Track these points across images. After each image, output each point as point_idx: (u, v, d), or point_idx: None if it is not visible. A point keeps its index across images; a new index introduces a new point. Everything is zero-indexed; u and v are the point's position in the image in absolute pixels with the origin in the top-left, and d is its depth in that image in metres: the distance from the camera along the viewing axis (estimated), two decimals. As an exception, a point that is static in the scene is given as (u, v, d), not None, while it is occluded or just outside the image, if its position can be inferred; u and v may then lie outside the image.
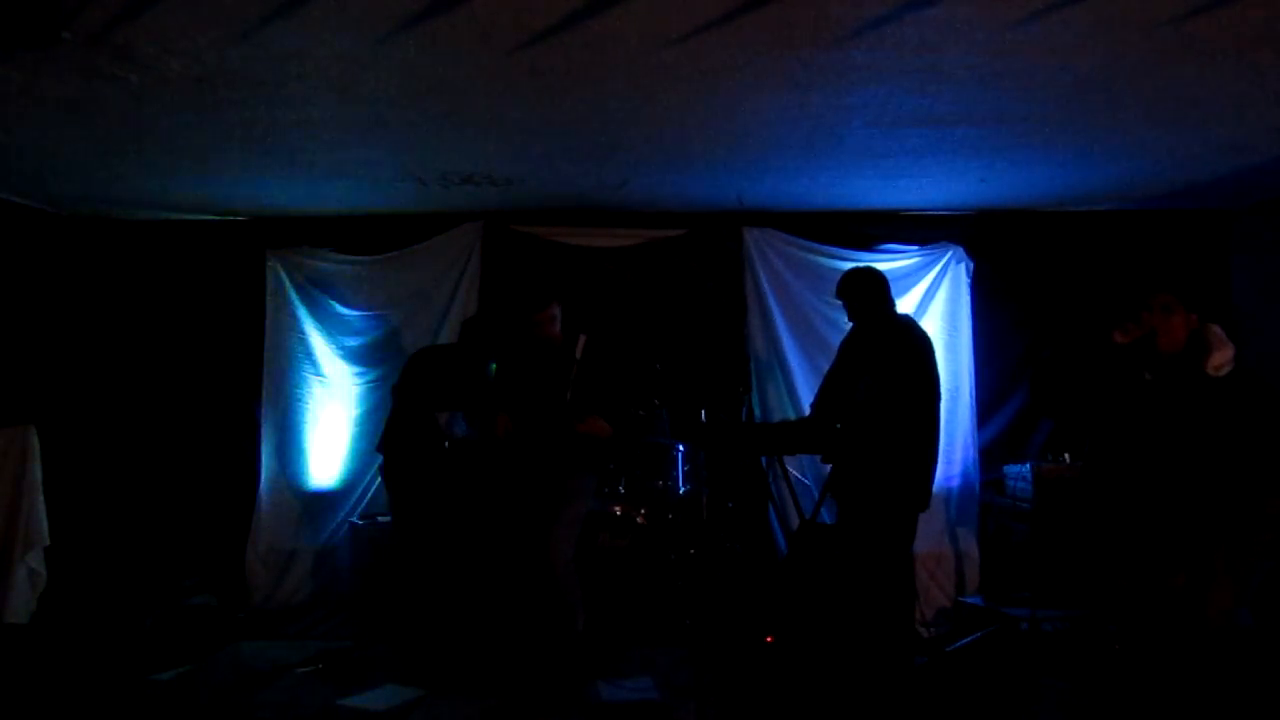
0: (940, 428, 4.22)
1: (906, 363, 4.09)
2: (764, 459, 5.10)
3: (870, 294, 4.26)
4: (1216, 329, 2.99)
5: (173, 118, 3.70)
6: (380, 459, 4.65)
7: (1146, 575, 2.88)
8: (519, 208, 5.37)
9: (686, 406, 5.10)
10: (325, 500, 5.44)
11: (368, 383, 5.48)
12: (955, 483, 5.34)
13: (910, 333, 4.23)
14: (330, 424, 5.46)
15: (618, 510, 4.86)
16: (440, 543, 4.58)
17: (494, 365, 4.82)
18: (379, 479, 4.96)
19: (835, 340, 4.95)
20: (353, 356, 5.52)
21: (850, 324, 4.46)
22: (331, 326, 5.53)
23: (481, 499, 4.62)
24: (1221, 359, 2.91)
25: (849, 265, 4.93)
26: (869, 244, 5.50)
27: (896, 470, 4.02)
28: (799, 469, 5.23)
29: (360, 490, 5.41)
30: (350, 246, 5.57)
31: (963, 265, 5.43)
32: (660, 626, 4.73)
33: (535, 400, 4.20)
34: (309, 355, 5.51)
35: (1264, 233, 5.27)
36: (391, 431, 4.55)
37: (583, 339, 4.19)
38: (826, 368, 4.78)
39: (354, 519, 5.26)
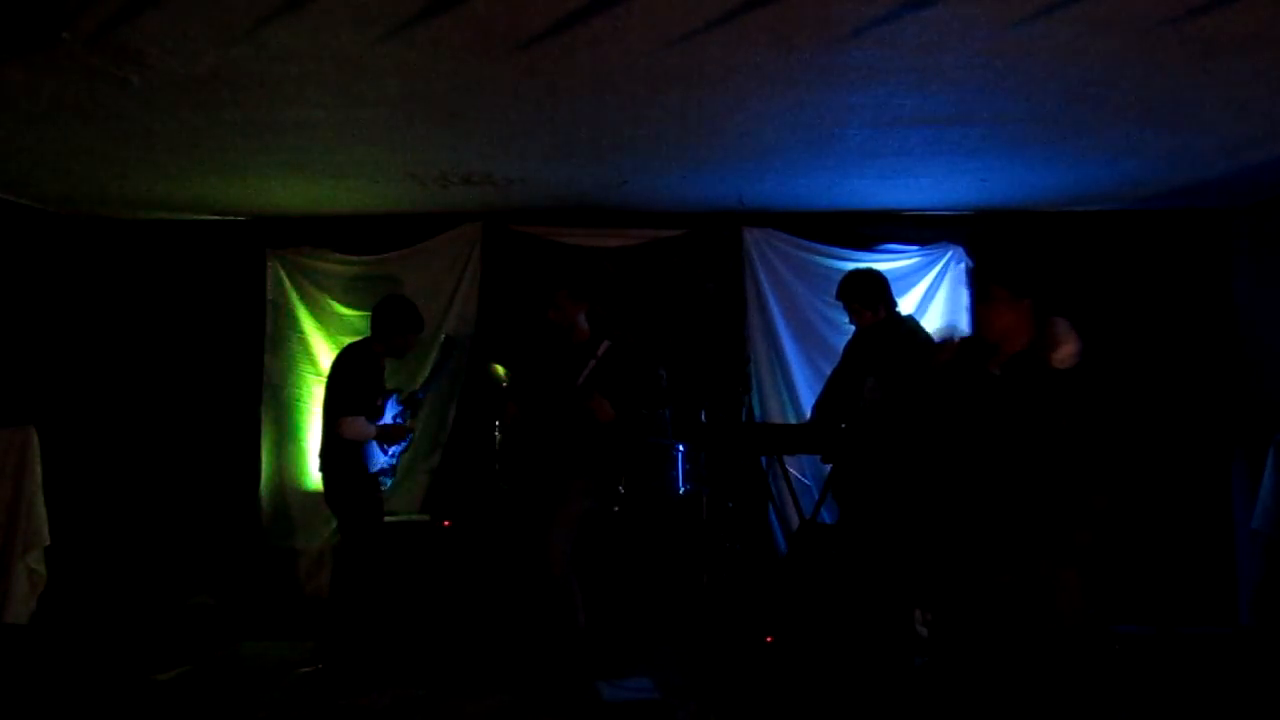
0: None
1: (911, 363, 4.10)
2: (764, 459, 5.10)
3: (872, 295, 4.27)
4: (1062, 322, 2.91)
5: (173, 118, 3.70)
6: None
7: (974, 573, 2.81)
8: (519, 208, 5.37)
9: (687, 407, 5.10)
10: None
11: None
12: (955, 483, 5.34)
13: (914, 333, 4.24)
14: (330, 424, 5.46)
15: (618, 510, 4.86)
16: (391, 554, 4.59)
17: (501, 368, 4.85)
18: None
19: (835, 341, 4.96)
20: (352, 357, 5.52)
21: (852, 326, 4.47)
22: (331, 326, 5.52)
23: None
24: (1067, 351, 2.75)
25: (849, 265, 4.94)
26: (869, 244, 5.50)
27: (900, 471, 4.03)
28: (799, 469, 5.22)
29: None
30: (350, 246, 5.57)
31: (963, 265, 5.43)
32: (660, 626, 4.73)
33: (545, 386, 4.21)
34: (309, 355, 5.51)
35: (1264, 232, 5.27)
36: (330, 449, 4.34)
37: (606, 344, 4.20)
38: (827, 368, 4.78)
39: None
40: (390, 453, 4.56)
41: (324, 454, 4.37)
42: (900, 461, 3.76)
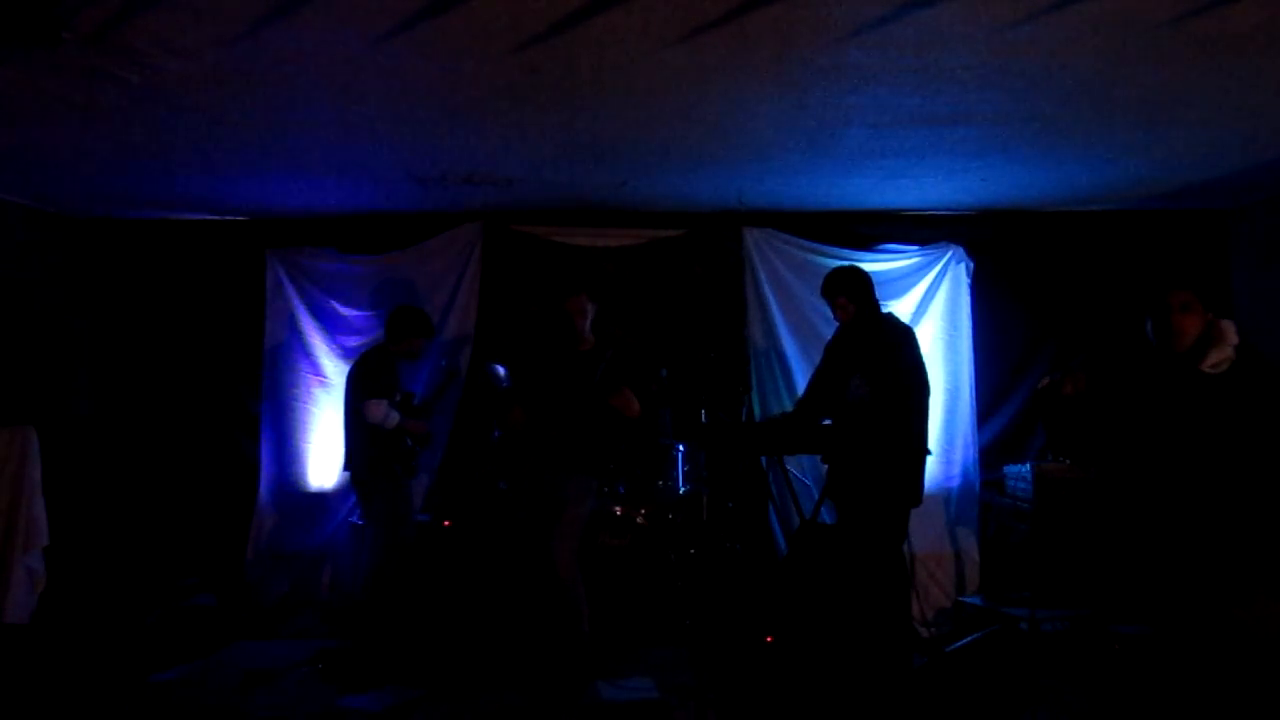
0: (927, 422, 4.23)
1: (893, 359, 4.10)
2: (764, 459, 5.10)
3: (855, 292, 4.27)
4: (1225, 325, 3.05)
5: (173, 118, 3.70)
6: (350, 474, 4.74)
7: (1181, 584, 2.95)
8: (519, 208, 5.37)
9: (687, 407, 5.10)
10: (325, 500, 5.44)
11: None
12: (955, 483, 5.34)
13: (895, 329, 4.25)
14: (329, 424, 5.45)
15: (618, 510, 4.86)
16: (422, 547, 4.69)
17: (502, 370, 4.89)
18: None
19: (835, 341, 4.94)
20: (352, 356, 5.51)
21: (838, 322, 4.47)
22: (331, 326, 5.53)
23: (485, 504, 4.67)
24: (1218, 357, 2.94)
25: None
26: (869, 244, 5.50)
27: (889, 467, 4.03)
28: (799, 469, 5.22)
29: (360, 490, 5.41)
30: (350, 246, 5.58)
31: (963, 265, 5.43)
32: (660, 626, 4.73)
33: (558, 388, 4.20)
34: (309, 355, 5.51)
35: (1264, 233, 5.27)
36: (356, 448, 4.62)
37: (612, 348, 4.24)
38: (826, 368, 4.73)
39: (354, 519, 5.27)
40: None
41: (351, 452, 4.64)
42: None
